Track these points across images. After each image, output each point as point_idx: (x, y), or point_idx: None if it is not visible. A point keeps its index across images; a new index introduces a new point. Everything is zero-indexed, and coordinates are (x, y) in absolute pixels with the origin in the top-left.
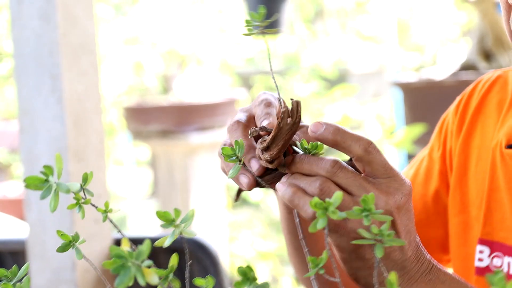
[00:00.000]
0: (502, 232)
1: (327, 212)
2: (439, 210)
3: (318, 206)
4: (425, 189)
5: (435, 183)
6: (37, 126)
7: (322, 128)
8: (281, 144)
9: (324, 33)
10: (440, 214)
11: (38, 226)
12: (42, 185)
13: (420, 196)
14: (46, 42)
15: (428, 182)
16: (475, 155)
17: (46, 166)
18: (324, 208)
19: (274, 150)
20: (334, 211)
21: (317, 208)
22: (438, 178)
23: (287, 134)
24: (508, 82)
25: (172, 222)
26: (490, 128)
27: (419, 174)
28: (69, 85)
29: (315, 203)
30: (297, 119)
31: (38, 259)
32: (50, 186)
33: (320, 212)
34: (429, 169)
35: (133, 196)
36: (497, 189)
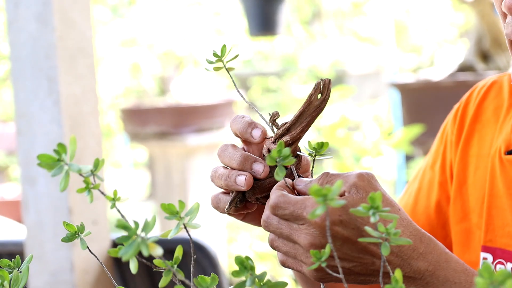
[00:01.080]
0: (504, 239)
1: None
2: (442, 221)
3: (317, 193)
4: (428, 202)
5: (436, 194)
6: (34, 129)
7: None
8: (306, 121)
9: (322, 34)
10: (443, 226)
11: (35, 228)
12: (54, 164)
13: (424, 209)
14: (43, 45)
15: (430, 195)
16: (474, 163)
17: (60, 144)
18: (324, 195)
19: (298, 128)
20: (332, 198)
21: (316, 195)
22: (438, 189)
23: (315, 111)
24: (503, 88)
25: (176, 215)
26: (488, 136)
27: (423, 188)
28: (66, 88)
29: (313, 191)
30: (326, 96)
31: (36, 261)
32: (62, 165)
33: (320, 199)
34: (431, 182)
35: (131, 198)
36: (498, 196)
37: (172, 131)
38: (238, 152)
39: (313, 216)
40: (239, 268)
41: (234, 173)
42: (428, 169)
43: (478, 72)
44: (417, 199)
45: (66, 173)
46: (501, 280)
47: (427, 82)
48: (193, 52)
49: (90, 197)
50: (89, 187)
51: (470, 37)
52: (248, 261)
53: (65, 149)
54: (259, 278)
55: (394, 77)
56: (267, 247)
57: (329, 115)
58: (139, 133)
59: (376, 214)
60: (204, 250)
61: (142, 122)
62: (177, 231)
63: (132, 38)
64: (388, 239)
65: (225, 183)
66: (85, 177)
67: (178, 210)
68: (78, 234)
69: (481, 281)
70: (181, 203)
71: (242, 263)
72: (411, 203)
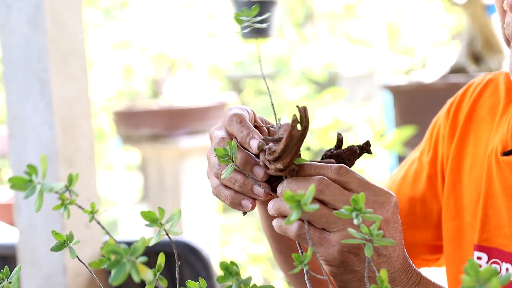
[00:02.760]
0: (500, 239)
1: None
2: (426, 212)
3: (290, 199)
4: (413, 192)
5: (423, 186)
6: (27, 132)
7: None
8: (293, 151)
9: (314, 36)
10: (426, 217)
11: (28, 231)
12: (26, 185)
13: (407, 199)
14: (35, 47)
15: (416, 185)
16: (469, 162)
17: (30, 165)
18: (297, 201)
19: (288, 158)
20: (305, 204)
21: (289, 201)
22: (426, 182)
23: (299, 141)
24: (499, 86)
25: (156, 222)
26: (484, 135)
27: (408, 176)
28: (58, 91)
29: (287, 196)
30: (306, 124)
31: (29, 264)
32: (34, 186)
33: (294, 205)
34: (417, 173)
35: (124, 201)
36: (494, 196)
37: (164, 134)
38: (238, 152)
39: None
40: (224, 274)
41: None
42: (416, 160)
43: (470, 74)
44: (400, 187)
45: (39, 193)
46: (487, 277)
47: (419, 84)
48: (185, 55)
49: (67, 213)
50: (64, 204)
51: (462, 39)
52: (233, 266)
53: (36, 170)
54: (244, 283)
55: (386, 79)
56: (260, 249)
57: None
58: (131, 136)
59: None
60: (197, 252)
61: (135, 124)
62: (158, 238)
63: (124, 40)
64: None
65: (240, 190)
66: (60, 194)
67: (158, 217)
68: (67, 243)
69: (467, 279)
70: (161, 210)
71: (227, 268)
72: (394, 189)
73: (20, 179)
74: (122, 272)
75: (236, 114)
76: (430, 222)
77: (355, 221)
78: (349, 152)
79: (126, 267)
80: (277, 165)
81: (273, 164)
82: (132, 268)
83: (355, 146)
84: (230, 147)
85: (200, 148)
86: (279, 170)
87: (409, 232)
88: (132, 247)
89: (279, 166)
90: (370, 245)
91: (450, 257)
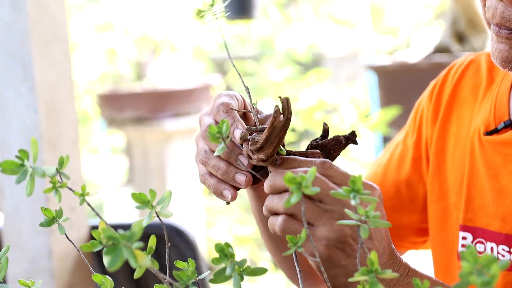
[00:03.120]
0: (484, 218)
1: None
2: (412, 195)
3: (291, 181)
4: (398, 175)
5: (408, 169)
6: (10, 116)
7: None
8: (276, 142)
9: (298, 17)
10: (413, 200)
11: (13, 215)
12: (17, 169)
13: (393, 182)
14: (17, 31)
15: (401, 168)
16: (452, 143)
17: (21, 150)
18: (298, 183)
19: (269, 149)
20: (307, 186)
21: (290, 183)
22: (410, 164)
23: (281, 131)
24: (481, 66)
25: (147, 204)
26: (466, 115)
27: (393, 159)
28: (41, 74)
29: (288, 178)
30: (288, 115)
31: (14, 248)
32: (26, 170)
33: (294, 187)
34: (402, 155)
35: (109, 184)
36: (477, 176)
37: (149, 116)
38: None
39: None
40: (219, 256)
41: (233, 170)
42: (400, 142)
43: (454, 54)
44: (386, 171)
45: (31, 177)
46: (485, 264)
47: (404, 64)
48: (169, 37)
49: (58, 197)
50: (55, 187)
51: (445, 19)
52: (228, 248)
53: (27, 155)
54: (239, 265)
55: (370, 60)
56: (246, 231)
57: (306, 98)
58: (116, 119)
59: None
60: (183, 234)
61: (119, 107)
62: (149, 220)
63: (107, 23)
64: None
65: (222, 178)
66: (51, 177)
67: (149, 199)
68: (56, 219)
69: (466, 265)
70: (152, 192)
71: (222, 250)
72: (380, 173)
73: (11, 163)
74: (119, 258)
75: (223, 103)
76: (417, 205)
77: (353, 202)
78: (334, 142)
79: (123, 253)
80: (259, 155)
81: (255, 154)
82: (130, 255)
83: (341, 136)
84: (221, 127)
85: (185, 130)
86: (261, 160)
87: (396, 215)
88: (129, 232)
89: (261, 157)
90: (366, 226)
91: (436, 238)
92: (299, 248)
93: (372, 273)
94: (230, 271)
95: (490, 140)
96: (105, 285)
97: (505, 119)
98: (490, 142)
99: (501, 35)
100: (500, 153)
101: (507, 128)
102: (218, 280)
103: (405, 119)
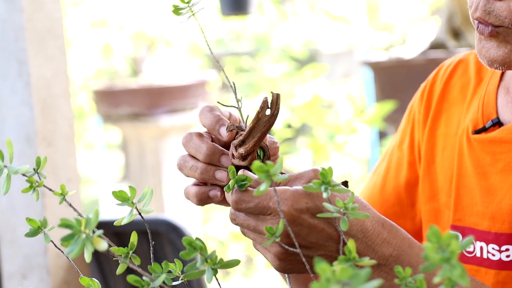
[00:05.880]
0: (473, 218)
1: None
2: (413, 200)
3: (260, 169)
4: (397, 181)
5: (405, 174)
6: (5, 112)
7: None
8: (257, 137)
9: (294, 13)
10: (413, 204)
11: (8, 212)
12: None
13: (393, 189)
14: (11, 27)
15: (399, 174)
16: (441, 143)
17: None
18: (266, 171)
19: (250, 143)
20: (275, 174)
21: (259, 172)
22: (407, 169)
23: (265, 126)
24: (469, 66)
25: (127, 201)
26: (455, 115)
27: (391, 167)
28: (36, 70)
29: (256, 167)
30: (275, 111)
31: (9, 245)
32: (1, 169)
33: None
34: (399, 161)
35: (105, 180)
36: (466, 175)
37: (145, 112)
38: (204, 144)
39: (258, 193)
40: (188, 249)
41: (212, 168)
42: (396, 148)
43: (449, 50)
44: (385, 179)
45: (7, 177)
46: (449, 242)
47: (399, 60)
48: (164, 33)
49: (36, 195)
50: (33, 186)
51: (441, 15)
52: (196, 241)
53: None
54: (209, 257)
55: (366, 56)
56: None
57: (302, 94)
58: (111, 115)
59: (328, 189)
60: (179, 230)
61: (115, 103)
62: (130, 218)
63: (103, 19)
64: (347, 214)
65: (201, 177)
66: (28, 176)
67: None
68: (41, 229)
69: (429, 246)
70: (132, 189)
71: (190, 243)
72: (379, 183)
73: None
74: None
75: (207, 105)
76: (417, 210)
77: (324, 194)
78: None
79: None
80: (240, 150)
81: (238, 149)
82: (87, 241)
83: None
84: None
85: (180, 126)
86: (241, 156)
87: (399, 221)
88: (86, 219)
89: (241, 151)
90: (345, 218)
91: None
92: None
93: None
94: (200, 263)
95: (478, 138)
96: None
97: (493, 117)
98: (479, 141)
99: (484, 34)
100: (488, 151)
101: (495, 127)
102: (191, 274)
103: (400, 115)
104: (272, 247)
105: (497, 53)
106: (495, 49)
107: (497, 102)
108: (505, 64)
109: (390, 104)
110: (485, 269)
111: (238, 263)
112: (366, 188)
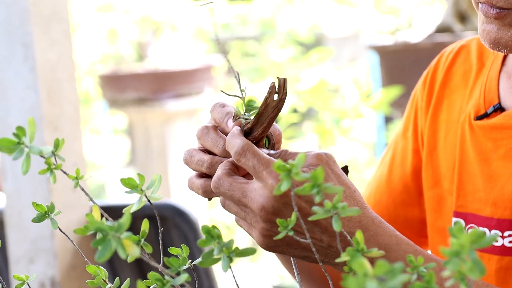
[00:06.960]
0: (475, 204)
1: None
2: (419, 188)
3: (281, 168)
4: (404, 169)
5: (411, 161)
6: (10, 96)
7: None
8: (266, 123)
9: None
10: (420, 193)
11: (14, 196)
12: (14, 147)
13: (400, 178)
14: (16, 10)
15: (405, 162)
16: (443, 129)
17: (19, 127)
18: (288, 170)
19: (259, 130)
20: (297, 172)
21: (280, 170)
22: (412, 156)
23: (273, 112)
24: (471, 52)
25: (136, 188)
26: (457, 101)
27: (396, 156)
28: (41, 54)
29: (277, 166)
30: (283, 96)
31: (15, 229)
32: (22, 148)
33: (284, 174)
34: (404, 150)
35: (111, 165)
36: (468, 162)
37: (151, 97)
38: (221, 138)
39: (278, 191)
40: (206, 238)
41: (219, 160)
42: (400, 136)
43: (456, 33)
44: (391, 168)
45: (27, 156)
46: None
47: (405, 44)
48: (170, 17)
49: (53, 178)
50: (51, 168)
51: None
52: (214, 230)
53: (24, 132)
54: (226, 246)
55: (372, 40)
56: None
57: (308, 79)
58: (117, 100)
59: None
60: (185, 215)
61: (121, 88)
62: (139, 205)
63: (108, 3)
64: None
65: (208, 171)
66: (46, 158)
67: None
68: (48, 214)
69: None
70: (140, 176)
71: (208, 232)
72: (386, 172)
73: (8, 140)
74: (108, 250)
75: (219, 102)
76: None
77: (317, 198)
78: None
79: (112, 245)
80: (249, 138)
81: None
82: (118, 245)
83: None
84: None
85: (186, 111)
86: None
87: (408, 209)
88: (117, 223)
89: (250, 139)
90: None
91: (433, 226)
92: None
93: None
94: (217, 252)
95: (480, 124)
96: (99, 276)
97: (495, 103)
98: (480, 127)
99: (489, 15)
100: (490, 137)
101: (497, 112)
102: (206, 262)
103: (406, 99)
104: (257, 223)
105: (500, 35)
106: (498, 31)
107: (499, 87)
108: (508, 47)
109: (396, 89)
110: (488, 255)
111: (254, 252)
112: (373, 179)
